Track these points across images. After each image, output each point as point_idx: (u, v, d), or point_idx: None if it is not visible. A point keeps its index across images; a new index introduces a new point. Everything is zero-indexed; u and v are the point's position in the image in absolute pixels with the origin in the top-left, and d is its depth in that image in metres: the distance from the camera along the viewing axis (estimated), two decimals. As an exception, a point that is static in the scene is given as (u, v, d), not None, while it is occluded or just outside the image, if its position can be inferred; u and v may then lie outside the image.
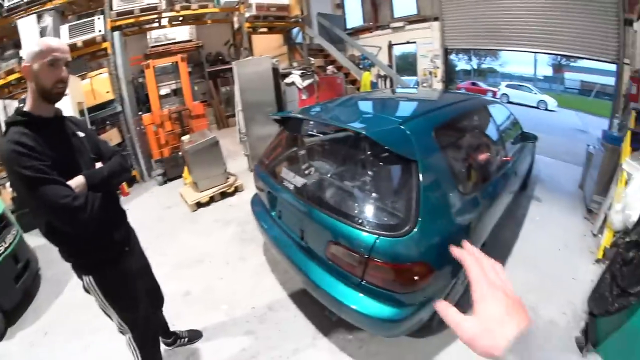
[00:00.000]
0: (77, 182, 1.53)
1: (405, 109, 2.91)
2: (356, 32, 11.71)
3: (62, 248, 1.68)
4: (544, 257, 3.31)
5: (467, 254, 0.61)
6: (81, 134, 1.76)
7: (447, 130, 2.37)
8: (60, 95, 1.55)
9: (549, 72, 28.13)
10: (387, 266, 1.78)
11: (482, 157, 2.74)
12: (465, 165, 2.43)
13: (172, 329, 2.51)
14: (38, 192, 1.38)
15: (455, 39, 9.62)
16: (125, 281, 1.82)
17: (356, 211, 1.99)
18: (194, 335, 2.62)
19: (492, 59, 30.11)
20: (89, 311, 3.20)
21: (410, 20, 10.25)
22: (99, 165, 1.76)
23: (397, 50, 11.91)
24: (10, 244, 3.66)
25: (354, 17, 12.11)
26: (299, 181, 2.42)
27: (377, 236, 1.78)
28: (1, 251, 3.48)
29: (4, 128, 1.56)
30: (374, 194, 2.06)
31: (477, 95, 3.33)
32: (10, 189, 6.56)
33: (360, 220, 1.90)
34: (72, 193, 1.45)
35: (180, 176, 5.90)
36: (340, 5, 12.23)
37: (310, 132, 2.72)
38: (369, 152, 2.13)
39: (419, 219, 1.76)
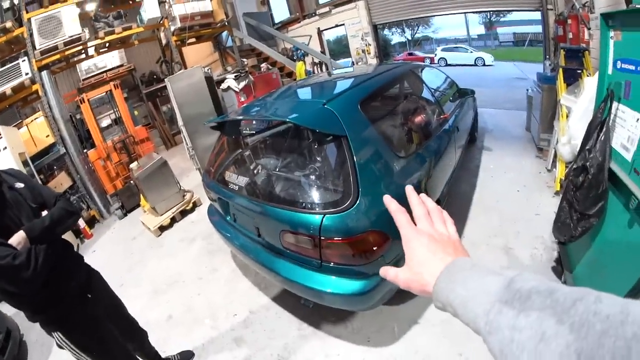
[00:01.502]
0: (17, 238, 1.47)
1: (331, 89, 2.94)
2: (284, 25, 11.73)
3: (24, 309, 1.62)
4: (505, 201, 3.47)
5: (394, 204, 0.62)
6: (19, 185, 1.70)
7: (374, 101, 2.43)
8: None
9: (481, 30, 29.29)
10: (341, 242, 1.81)
11: (418, 119, 2.82)
12: (401, 130, 2.51)
13: (163, 355, 2.49)
14: None
15: (382, 14, 9.80)
16: (93, 328, 1.76)
17: (300, 197, 2.03)
18: (186, 356, 2.61)
19: (424, 27, 30.95)
20: None
21: (336, 4, 10.33)
22: (44, 213, 1.68)
23: (329, 36, 12.06)
24: None
25: (280, 10, 12.12)
26: (243, 180, 2.46)
27: (322, 215, 1.82)
28: None
29: None
30: (313, 177, 2.09)
31: (404, 63, 3.41)
32: None
33: (305, 204, 1.94)
34: (11, 251, 1.39)
35: (138, 205, 5.75)
36: (265, 2, 12.17)
37: (246, 131, 2.74)
38: (301, 138, 2.17)
39: (360, 189, 1.81)
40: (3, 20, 5.80)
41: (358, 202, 1.79)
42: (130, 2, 8.13)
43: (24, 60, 5.75)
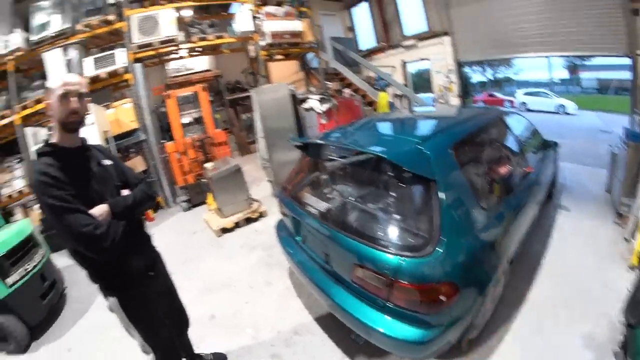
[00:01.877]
0: (100, 210, 1.60)
1: (422, 128, 2.93)
2: (369, 53, 11.86)
3: (89, 271, 1.74)
4: (575, 268, 3.22)
5: None
6: (107, 162, 1.82)
7: (464, 146, 2.37)
8: (74, 124, 1.63)
9: (564, 74, 27.65)
10: (412, 287, 1.78)
11: (503, 170, 2.72)
12: (486, 180, 2.43)
13: (196, 351, 2.53)
14: (62, 220, 1.47)
15: (467, 52, 9.62)
16: (148, 304, 1.86)
17: (380, 233, 2.00)
18: (219, 358, 2.63)
19: (506, 67, 29.93)
20: (112, 332, 3.26)
21: (422, 37, 10.30)
22: (125, 192, 1.81)
23: (412, 68, 11.99)
24: (38, 263, 3.88)
25: (366, 38, 12.27)
26: (322, 205, 2.46)
27: (401, 258, 1.79)
28: (29, 270, 3.71)
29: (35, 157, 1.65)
30: (396, 216, 2.05)
31: (493, 108, 3.32)
32: (39, 211, 6.88)
33: (384, 243, 1.91)
34: (94, 221, 1.53)
35: (204, 202, 6.03)
36: (352, 29, 12.47)
37: (331, 157, 2.76)
38: (389, 174, 2.14)
39: (442, 238, 1.77)
40: (107, 13, 6.50)
41: (437, 250, 1.76)
42: (224, 13, 8.77)
43: (121, 51, 6.45)
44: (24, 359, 3.45)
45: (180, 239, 5.11)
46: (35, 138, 5.95)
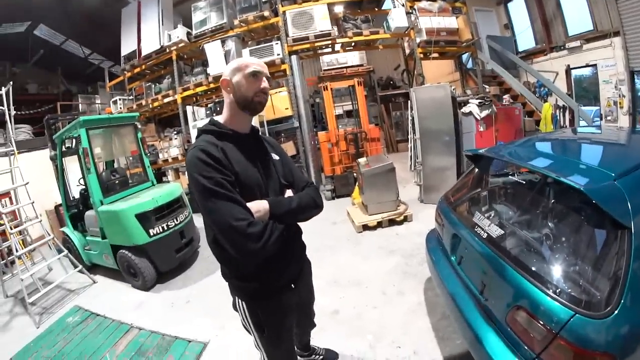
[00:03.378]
0: (259, 206, 1.41)
1: (615, 157, 2.45)
2: (528, 55, 10.56)
3: (224, 266, 1.61)
4: None
5: None
6: (275, 157, 1.69)
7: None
8: (261, 105, 1.53)
9: None
10: (571, 348, 1.51)
11: None
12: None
13: (311, 342, 2.47)
14: (212, 205, 1.31)
15: None
16: (278, 317, 1.68)
17: (554, 276, 1.76)
18: (330, 356, 2.55)
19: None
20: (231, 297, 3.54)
21: (587, 38, 8.70)
22: (289, 193, 1.64)
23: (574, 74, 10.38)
24: (181, 222, 4.52)
25: (524, 38, 10.98)
26: (494, 230, 2.21)
27: (574, 312, 1.53)
28: (172, 226, 4.36)
29: (196, 134, 1.57)
30: (574, 259, 1.80)
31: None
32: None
33: (557, 289, 1.66)
34: (249, 217, 1.33)
35: (348, 195, 6.13)
36: (508, 26, 11.29)
37: (508, 176, 2.58)
38: (576, 208, 1.92)
39: (621, 301, 1.48)
40: (261, 9, 7.26)
41: (615, 314, 1.47)
42: (376, 9, 8.71)
43: (277, 43, 7.06)
44: (146, 295, 4.10)
45: (319, 225, 5.16)
46: (194, 115, 6.76)
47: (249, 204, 1.37)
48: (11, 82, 4.81)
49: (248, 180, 1.45)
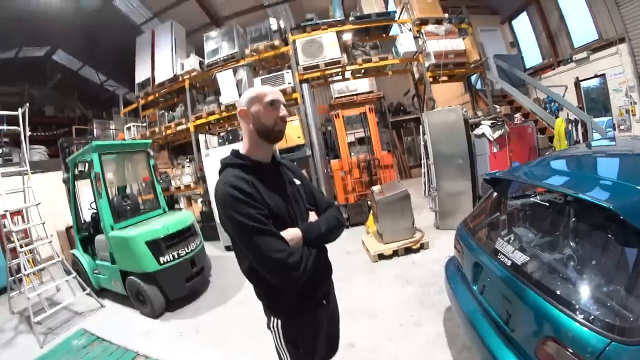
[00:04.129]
0: (293, 234, 1.46)
1: (633, 169, 2.31)
2: (536, 71, 10.57)
3: (260, 289, 1.62)
4: None
5: None
6: (297, 182, 1.71)
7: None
8: (281, 133, 1.54)
9: None
10: None
11: None
12: None
13: None
14: (251, 241, 1.34)
15: None
16: (311, 334, 1.69)
17: (586, 301, 1.65)
18: None
19: None
20: (242, 329, 3.56)
21: (593, 48, 8.62)
22: (313, 216, 1.68)
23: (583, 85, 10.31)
24: (192, 250, 4.47)
25: (531, 54, 11.01)
26: (519, 257, 2.09)
27: (610, 340, 1.42)
28: (183, 254, 4.30)
29: (212, 159, 1.58)
30: (609, 282, 1.70)
31: None
32: (200, 204, 8.00)
33: (590, 315, 1.54)
34: (287, 248, 1.38)
35: (362, 223, 6.07)
36: (514, 44, 11.34)
37: (529, 197, 2.51)
38: (603, 227, 1.82)
39: None
40: (272, 38, 7.48)
41: None
42: (384, 35, 8.84)
43: (288, 72, 7.21)
44: (154, 323, 4.04)
45: (333, 257, 5.06)
46: (207, 144, 6.90)
47: (283, 233, 1.41)
48: (27, 104, 4.90)
49: (279, 210, 1.47)
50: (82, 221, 5.24)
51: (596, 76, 8.94)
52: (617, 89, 8.36)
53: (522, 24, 10.92)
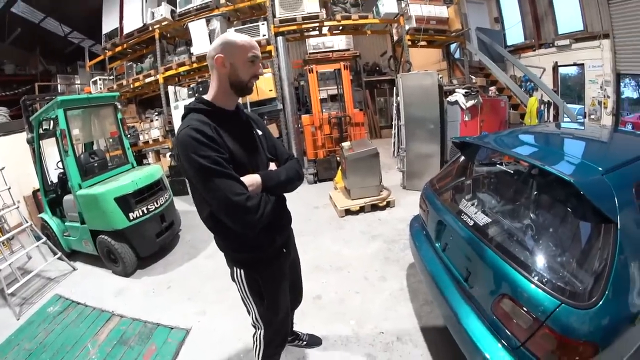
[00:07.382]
0: (252, 180, 1.48)
1: (603, 153, 2.48)
2: (517, 50, 10.60)
3: (220, 239, 1.66)
4: None
5: None
6: (259, 132, 1.74)
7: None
8: (251, 89, 1.56)
9: None
10: (556, 337, 1.54)
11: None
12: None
13: (294, 327, 2.53)
14: (211, 183, 1.34)
15: (631, 62, 7.83)
16: (274, 282, 1.76)
17: (540, 266, 1.76)
18: (313, 341, 2.59)
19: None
20: (213, 282, 3.60)
21: (577, 38, 8.76)
22: (273, 166, 1.71)
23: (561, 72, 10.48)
24: (161, 205, 4.40)
25: (514, 32, 11.00)
26: (481, 218, 2.20)
27: (560, 302, 1.55)
28: (152, 209, 4.24)
29: (182, 112, 1.56)
30: (564, 251, 1.81)
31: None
32: (169, 158, 7.79)
33: (543, 278, 1.67)
34: (246, 192, 1.40)
35: (330, 179, 6.07)
36: (499, 20, 11.29)
37: (496, 164, 2.57)
38: (563, 200, 1.92)
39: (606, 292, 1.51)
40: None
41: (599, 304, 1.50)
42: (368, -7, 8.56)
43: (263, 24, 6.90)
44: (127, 281, 4.00)
45: (301, 211, 5.14)
46: (176, 95, 6.62)
47: (242, 179, 1.43)
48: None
49: (240, 157, 1.49)
50: (49, 182, 4.99)
51: (575, 64, 9.09)
52: (593, 80, 8.59)
53: (510, 2, 10.80)
